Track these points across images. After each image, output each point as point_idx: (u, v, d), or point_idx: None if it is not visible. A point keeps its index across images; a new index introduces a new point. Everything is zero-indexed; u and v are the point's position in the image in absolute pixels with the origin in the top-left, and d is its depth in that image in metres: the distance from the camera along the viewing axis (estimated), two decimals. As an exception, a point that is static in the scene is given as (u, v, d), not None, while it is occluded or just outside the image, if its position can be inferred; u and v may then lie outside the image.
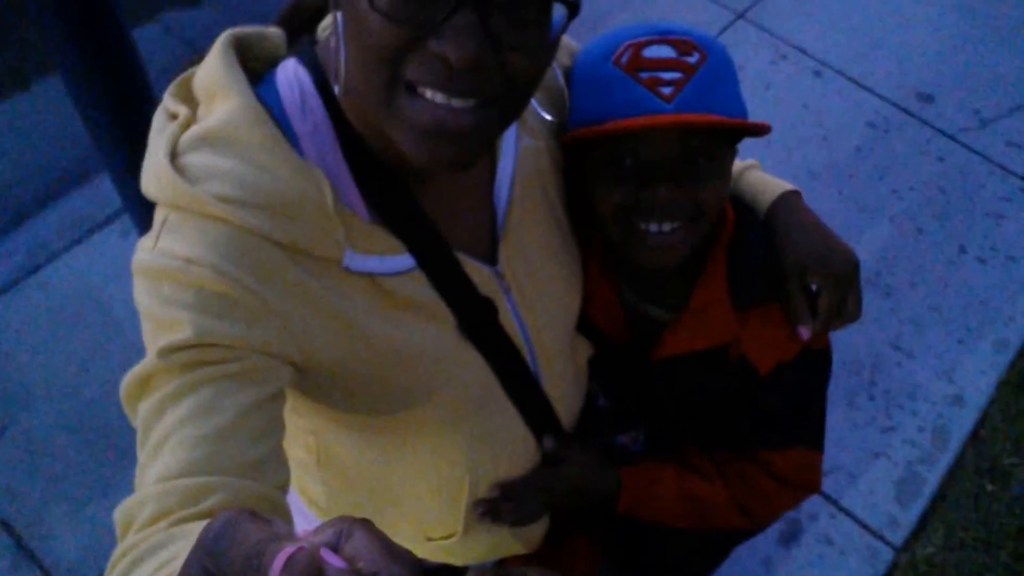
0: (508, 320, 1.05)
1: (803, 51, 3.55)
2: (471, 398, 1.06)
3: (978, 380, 2.67)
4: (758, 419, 1.24)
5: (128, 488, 0.78)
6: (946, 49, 3.57)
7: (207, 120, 0.84)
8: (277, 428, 0.85)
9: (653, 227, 1.02)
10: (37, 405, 2.48)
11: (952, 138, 3.24)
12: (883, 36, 3.57)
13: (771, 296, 1.13)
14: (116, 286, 2.68)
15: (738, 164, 1.21)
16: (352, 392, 0.96)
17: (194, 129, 0.84)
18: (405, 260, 0.92)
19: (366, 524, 0.41)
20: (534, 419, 1.17)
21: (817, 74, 3.47)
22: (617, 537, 1.83)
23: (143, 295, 0.82)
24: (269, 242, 0.82)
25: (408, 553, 0.41)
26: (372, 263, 0.89)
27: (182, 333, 0.78)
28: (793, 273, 1.10)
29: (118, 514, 0.76)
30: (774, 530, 2.37)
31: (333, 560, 0.38)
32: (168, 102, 0.88)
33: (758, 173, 1.22)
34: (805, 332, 1.12)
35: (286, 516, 0.85)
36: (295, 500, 1.30)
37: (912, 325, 2.78)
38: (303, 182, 0.82)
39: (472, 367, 1.04)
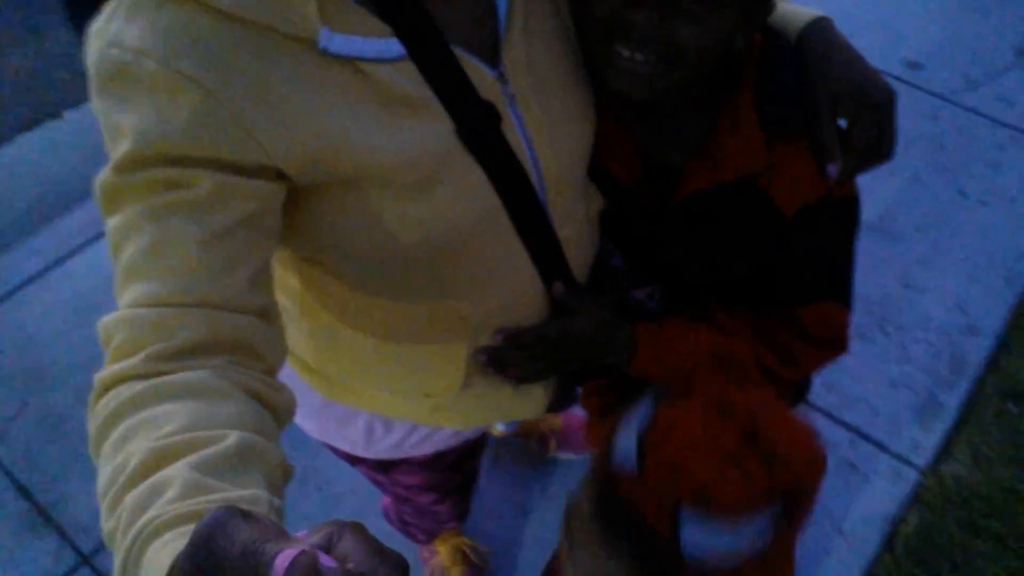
0: (512, 133, 0.91)
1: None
2: (471, 221, 0.91)
3: (992, 310, 2.52)
4: (782, 269, 1.09)
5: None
6: (931, 20, 3.49)
7: None
8: (254, 251, 0.76)
9: (625, 53, 0.90)
10: (57, 383, 2.40)
11: (944, 98, 3.14)
12: (869, 13, 3.50)
13: (802, 127, 0.99)
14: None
15: None
16: (339, 208, 0.84)
17: None
18: (392, 45, 0.80)
19: (357, 526, 0.42)
20: (542, 259, 1.03)
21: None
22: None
23: (96, 97, 0.75)
24: (231, 25, 0.72)
25: (396, 554, 0.41)
26: (353, 44, 0.77)
27: (125, 144, 0.72)
28: (826, 102, 0.96)
29: (100, 329, 0.73)
30: (795, 458, 2.21)
31: (325, 560, 0.39)
32: None
33: (785, 4, 1.07)
34: (834, 169, 0.97)
35: (263, 350, 0.76)
36: None
37: (920, 265, 2.64)
38: None
39: (472, 183, 0.89)
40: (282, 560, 0.38)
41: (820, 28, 1.02)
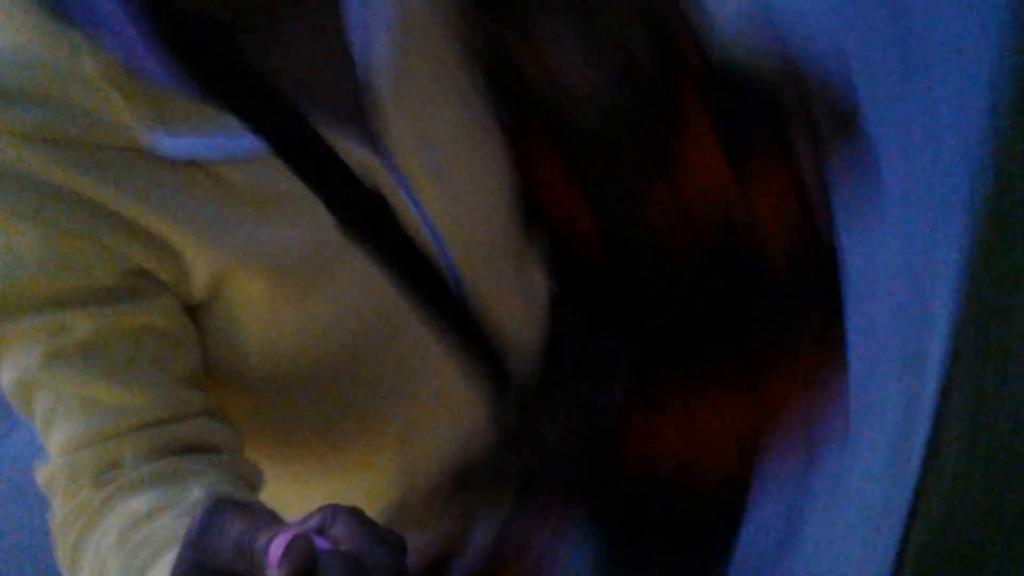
0: (411, 220, 0.75)
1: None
2: (365, 325, 0.75)
3: None
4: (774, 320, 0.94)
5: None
6: None
7: None
8: (174, 361, 0.68)
9: None
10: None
11: None
12: None
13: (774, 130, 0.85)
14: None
15: None
16: (205, 326, 0.72)
17: None
18: (244, 141, 0.66)
19: (353, 510, 0.41)
20: (467, 355, 0.83)
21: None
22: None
23: None
24: (47, 147, 0.62)
25: (394, 535, 0.41)
26: (193, 148, 0.65)
27: None
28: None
29: (39, 479, 0.68)
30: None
31: (320, 543, 0.39)
32: None
33: None
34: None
35: (219, 441, 0.70)
36: None
37: None
38: (54, 49, 0.61)
39: (361, 281, 0.74)
40: (275, 547, 0.38)
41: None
